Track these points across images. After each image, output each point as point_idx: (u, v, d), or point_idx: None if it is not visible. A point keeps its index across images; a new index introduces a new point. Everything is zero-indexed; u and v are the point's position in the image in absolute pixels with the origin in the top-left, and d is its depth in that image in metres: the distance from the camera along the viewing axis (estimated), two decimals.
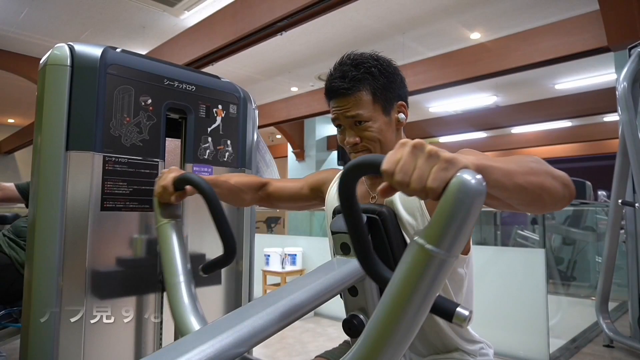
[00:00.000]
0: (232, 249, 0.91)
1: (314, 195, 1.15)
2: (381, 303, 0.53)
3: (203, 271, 0.95)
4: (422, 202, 0.88)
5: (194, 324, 0.78)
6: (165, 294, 1.30)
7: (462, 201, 0.47)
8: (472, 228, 0.50)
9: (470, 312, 0.59)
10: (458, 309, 0.58)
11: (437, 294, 0.52)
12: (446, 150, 0.51)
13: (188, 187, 0.97)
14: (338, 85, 0.93)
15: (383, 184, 0.54)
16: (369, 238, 0.64)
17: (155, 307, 1.27)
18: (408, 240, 0.90)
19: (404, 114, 0.98)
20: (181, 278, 0.87)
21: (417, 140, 0.52)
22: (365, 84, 0.92)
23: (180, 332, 0.78)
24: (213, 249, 1.40)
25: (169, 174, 0.99)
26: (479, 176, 0.48)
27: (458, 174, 0.48)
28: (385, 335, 0.51)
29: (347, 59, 0.96)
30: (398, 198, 0.92)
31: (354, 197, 0.60)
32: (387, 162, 0.52)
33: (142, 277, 1.24)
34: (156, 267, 1.28)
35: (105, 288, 1.16)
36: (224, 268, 0.97)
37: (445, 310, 0.59)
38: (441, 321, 0.92)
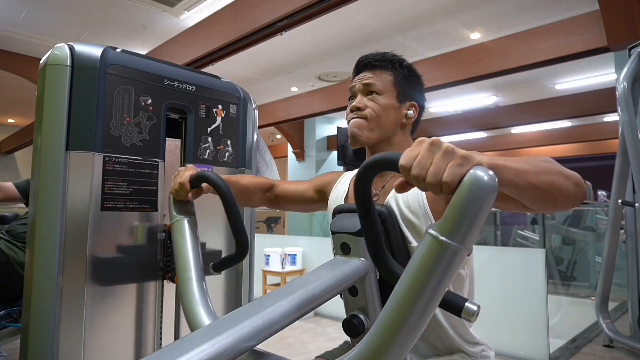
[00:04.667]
0: (245, 247, 0.92)
1: (320, 198, 1.17)
2: (393, 295, 0.54)
3: (214, 269, 0.97)
4: (425, 201, 0.89)
5: (205, 318, 0.80)
6: (164, 295, 1.30)
7: (476, 195, 0.49)
8: (483, 222, 0.52)
9: (479, 307, 0.60)
10: (467, 303, 0.59)
11: (447, 289, 0.54)
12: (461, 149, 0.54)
13: (204, 184, 0.99)
14: (371, 57, 1.03)
15: (400, 179, 0.57)
16: (382, 234, 0.66)
17: (155, 308, 1.27)
18: (410, 239, 0.90)
19: (414, 112, 1.03)
20: (193, 273, 0.88)
21: (434, 138, 0.55)
22: (393, 69, 1.02)
23: (190, 326, 0.79)
24: (220, 247, 1.40)
25: (186, 171, 1.01)
26: (491, 173, 0.50)
27: (472, 170, 0.51)
28: (396, 325, 0.52)
29: (376, 52, 1.05)
30: (400, 197, 0.92)
31: (369, 193, 0.62)
32: (405, 157, 0.54)
33: (143, 277, 1.24)
34: (156, 268, 1.28)
35: (105, 288, 1.16)
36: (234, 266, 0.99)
37: (454, 304, 0.60)
38: (444, 321, 0.92)
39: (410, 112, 1.02)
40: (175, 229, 0.96)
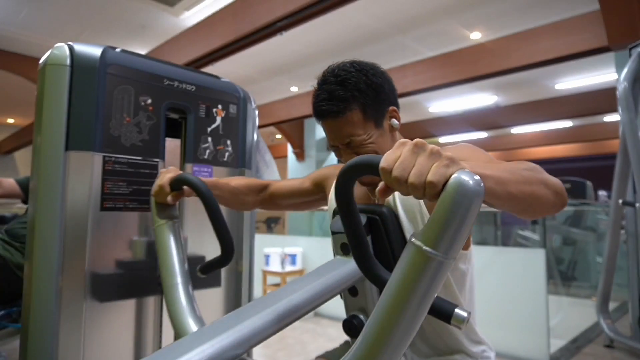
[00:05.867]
0: (230, 250, 0.91)
1: (317, 190, 1.14)
2: (379, 304, 0.52)
3: (201, 272, 0.95)
4: (422, 203, 0.88)
5: (192, 325, 0.79)
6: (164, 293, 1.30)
7: (460, 202, 0.47)
8: (470, 229, 0.50)
9: (469, 313, 0.58)
10: (456, 310, 0.57)
11: (436, 295, 0.52)
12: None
13: (185, 187, 0.97)
14: (327, 108, 0.89)
15: (381, 184, 0.54)
16: (367, 239, 0.64)
17: (155, 308, 1.27)
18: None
19: (396, 119, 0.95)
20: (178, 279, 0.87)
21: (417, 139, 0.52)
22: (355, 102, 0.88)
23: (177, 333, 0.79)
24: (213, 250, 1.39)
25: (166, 173, 0.99)
26: (477, 177, 0.48)
27: (456, 174, 0.48)
28: (383, 336, 0.51)
29: (331, 75, 0.91)
30: (398, 200, 0.91)
31: (351, 198, 0.60)
32: (385, 160, 0.52)
33: (142, 277, 1.24)
34: (156, 268, 1.27)
35: (105, 288, 1.16)
36: (222, 268, 0.97)
37: (443, 311, 0.58)
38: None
39: (394, 121, 0.94)
40: (158, 234, 0.94)
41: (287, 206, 1.22)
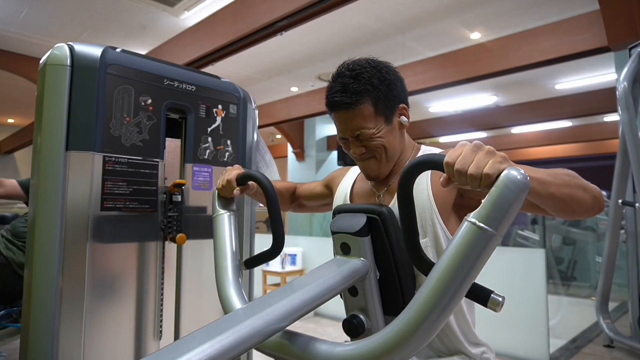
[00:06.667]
0: (280, 245, 0.96)
1: (329, 192, 1.19)
2: (428, 279, 0.58)
3: (246, 265, 1.00)
4: (431, 194, 0.91)
5: (236, 302, 0.84)
6: (164, 295, 1.30)
7: (511, 189, 0.56)
8: (515, 215, 0.58)
9: (504, 298, 0.64)
10: (493, 295, 0.64)
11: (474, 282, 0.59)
12: None
13: (250, 182, 1.03)
14: (340, 99, 0.92)
15: (443, 175, 0.63)
16: (418, 229, 0.72)
17: (155, 307, 1.27)
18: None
19: (405, 116, 0.99)
20: (229, 263, 0.92)
21: (476, 141, 0.63)
22: (367, 96, 0.91)
23: (223, 309, 0.84)
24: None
25: (232, 170, 1.05)
26: (524, 172, 0.58)
27: (507, 169, 0.58)
28: (429, 307, 0.57)
29: (346, 69, 0.94)
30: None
31: (411, 190, 0.68)
32: (449, 156, 0.62)
33: (142, 277, 1.24)
34: (156, 267, 1.28)
35: (105, 288, 1.16)
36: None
37: (480, 294, 0.64)
38: (451, 320, 0.92)
39: (403, 118, 0.98)
40: (216, 222, 1.00)
41: (311, 208, 1.29)
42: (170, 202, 1.30)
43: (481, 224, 0.56)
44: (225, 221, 1.00)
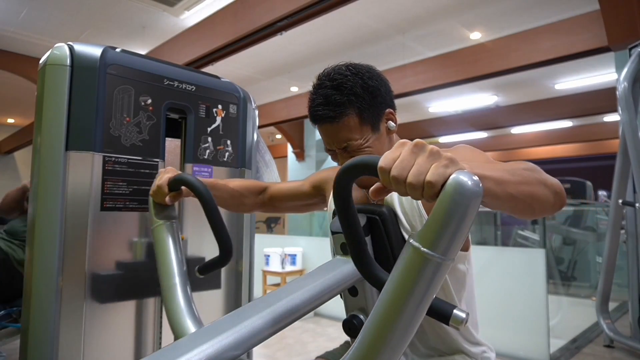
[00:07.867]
0: (228, 250, 0.91)
1: (315, 193, 1.13)
2: (377, 305, 0.52)
3: (199, 272, 0.95)
4: (420, 204, 0.87)
5: (190, 326, 0.78)
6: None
7: (459, 202, 0.46)
8: (469, 230, 0.50)
9: (467, 314, 0.57)
10: (455, 311, 0.56)
11: (434, 297, 0.52)
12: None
13: (183, 188, 0.97)
14: (323, 113, 0.88)
15: (376, 184, 0.53)
16: (365, 240, 0.64)
17: (155, 308, 1.27)
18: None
19: (393, 121, 0.94)
20: (176, 280, 0.86)
21: (417, 140, 0.52)
22: (351, 107, 0.87)
23: (175, 334, 0.78)
24: (212, 251, 1.39)
25: (164, 174, 0.99)
26: (475, 177, 0.47)
27: (454, 174, 0.47)
28: (382, 337, 0.51)
29: (327, 79, 0.90)
30: (397, 200, 0.90)
31: (349, 199, 0.59)
32: (384, 159, 0.51)
33: (142, 277, 1.24)
34: (156, 268, 1.27)
35: (105, 288, 1.16)
36: (221, 269, 0.97)
37: (442, 312, 0.57)
38: None
39: (390, 123, 0.93)
40: (156, 235, 0.93)
41: (286, 209, 1.21)
42: None
43: (425, 250, 0.47)
44: (164, 233, 0.92)
